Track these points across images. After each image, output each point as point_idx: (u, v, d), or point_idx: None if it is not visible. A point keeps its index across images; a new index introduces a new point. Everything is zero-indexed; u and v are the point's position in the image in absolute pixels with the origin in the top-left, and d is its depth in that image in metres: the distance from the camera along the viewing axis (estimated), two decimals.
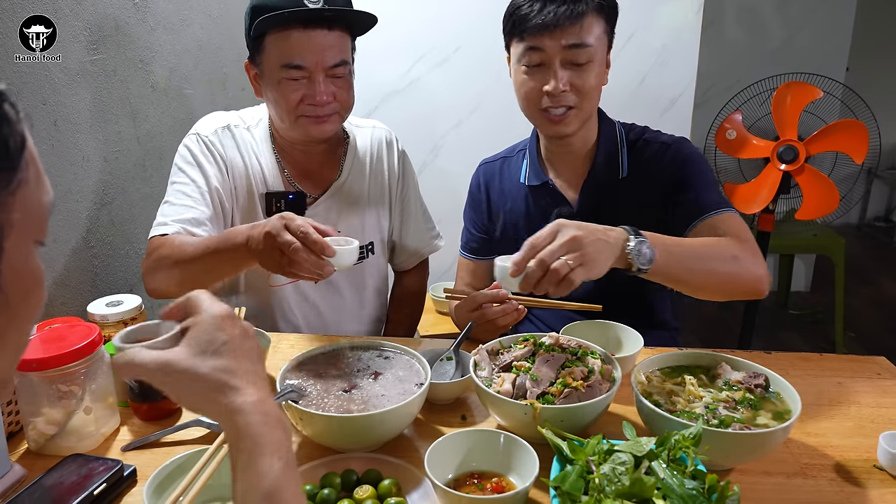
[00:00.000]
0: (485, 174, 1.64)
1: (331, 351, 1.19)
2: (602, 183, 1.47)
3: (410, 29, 2.62)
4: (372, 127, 1.66)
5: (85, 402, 1.05)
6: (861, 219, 5.59)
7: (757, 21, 4.10)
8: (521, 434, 0.98)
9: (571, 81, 1.35)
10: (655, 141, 1.49)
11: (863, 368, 1.32)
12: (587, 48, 1.34)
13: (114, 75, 1.52)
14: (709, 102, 3.45)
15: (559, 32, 1.32)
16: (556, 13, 1.31)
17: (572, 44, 1.33)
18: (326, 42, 1.35)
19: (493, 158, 1.66)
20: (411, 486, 0.94)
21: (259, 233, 1.11)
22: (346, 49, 1.41)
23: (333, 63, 1.37)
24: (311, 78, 1.37)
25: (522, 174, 1.57)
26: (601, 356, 1.13)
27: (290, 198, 1.50)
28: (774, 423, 0.97)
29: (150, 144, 1.68)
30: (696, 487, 0.78)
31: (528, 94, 1.40)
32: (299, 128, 1.42)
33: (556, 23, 1.31)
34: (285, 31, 1.34)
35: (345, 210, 1.57)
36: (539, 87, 1.37)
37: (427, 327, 2.47)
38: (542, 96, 1.38)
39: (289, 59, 1.35)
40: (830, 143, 2.65)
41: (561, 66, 1.35)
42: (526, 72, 1.39)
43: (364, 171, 1.60)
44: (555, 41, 1.33)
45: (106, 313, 1.21)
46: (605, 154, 1.48)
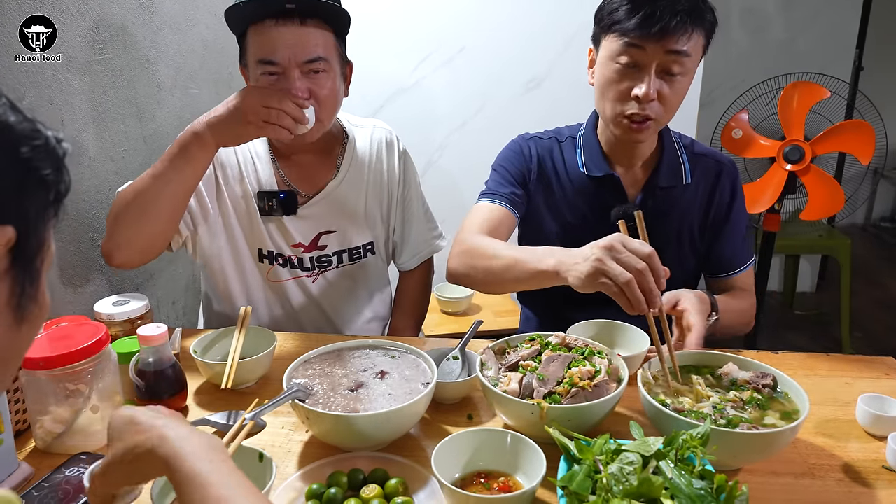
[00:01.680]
0: (538, 148, 1.54)
1: (337, 350, 1.19)
2: (666, 186, 1.47)
3: (416, 28, 2.63)
4: (372, 127, 1.65)
5: (92, 401, 1.05)
6: (867, 219, 5.57)
7: (762, 22, 4.09)
8: (528, 433, 0.98)
9: (661, 91, 1.32)
10: (709, 155, 1.52)
11: (871, 368, 1.31)
12: (686, 58, 1.30)
13: (120, 75, 1.53)
14: (714, 102, 3.44)
15: (666, 37, 1.27)
16: (665, 21, 1.26)
17: (674, 50, 1.28)
18: (299, 36, 1.32)
19: (544, 136, 1.57)
20: (418, 485, 0.94)
21: (232, 98, 1.22)
22: (323, 45, 1.36)
23: (307, 58, 1.33)
24: (286, 74, 1.33)
25: (580, 163, 1.50)
26: (607, 355, 1.12)
27: (281, 196, 1.50)
28: (782, 423, 0.96)
29: (156, 144, 1.68)
30: (705, 487, 0.77)
31: (615, 95, 1.35)
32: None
33: (665, 26, 1.26)
34: (261, 26, 1.32)
35: (340, 210, 1.57)
36: (628, 88, 1.32)
37: (432, 327, 2.48)
38: (629, 100, 1.33)
39: (262, 55, 1.33)
40: (837, 144, 2.64)
41: (656, 72, 1.31)
42: (618, 70, 1.33)
43: (363, 172, 1.59)
44: (658, 44, 1.28)
45: (113, 312, 1.21)
46: (670, 157, 1.48)
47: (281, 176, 1.53)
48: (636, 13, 1.27)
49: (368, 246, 1.63)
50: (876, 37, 4.33)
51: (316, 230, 1.56)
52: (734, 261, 1.53)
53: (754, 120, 2.95)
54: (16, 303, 0.55)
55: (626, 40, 1.30)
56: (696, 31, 1.30)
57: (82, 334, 1.04)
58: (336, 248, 1.59)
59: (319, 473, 0.97)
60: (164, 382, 1.12)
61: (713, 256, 1.53)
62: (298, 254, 1.56)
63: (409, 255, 1.71)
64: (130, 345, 1.17)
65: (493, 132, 2.53)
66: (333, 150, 1.58)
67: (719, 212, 1.51)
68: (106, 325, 1.10)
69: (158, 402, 1.13)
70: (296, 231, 1.54)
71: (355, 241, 1.60)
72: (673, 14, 1.26)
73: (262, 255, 1.55)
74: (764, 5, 4.06)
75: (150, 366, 1.11)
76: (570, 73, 2.60)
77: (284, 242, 1.55)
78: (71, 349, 1.00)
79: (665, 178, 1.47)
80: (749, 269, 1.54)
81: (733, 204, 1.51)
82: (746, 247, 1.54)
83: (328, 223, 1.56)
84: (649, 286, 1.02)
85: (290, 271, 1.58)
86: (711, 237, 1.52)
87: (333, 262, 1.59)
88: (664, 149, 1.49)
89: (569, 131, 1.57)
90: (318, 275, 1.60)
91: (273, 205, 1.50)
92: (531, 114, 2.66)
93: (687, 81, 1.35)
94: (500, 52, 2.66)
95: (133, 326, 1.25)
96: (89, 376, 1.04)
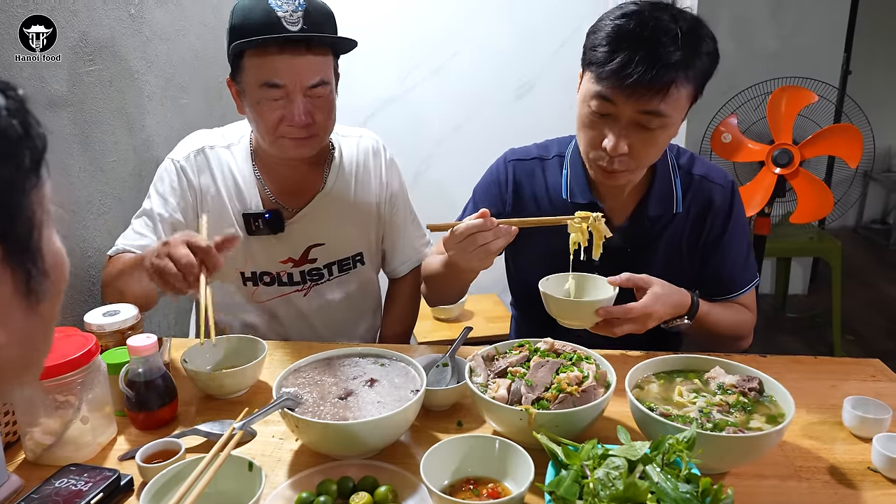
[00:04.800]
0: (516, 172, 1.49)
1: (326, 358, 1.19)
2: (654, 216, 1.41)
3: (405, 37, 2.64)
4: (359, 136, 1.64)
5: (82, 412, 1.05)
6: (858, 221, 5.60)
7: (750, 26, 4.11)
8: (517, 439, 0.98)
9: (633, 145, 1.23)
10: (707, 178, 1.43)
11: (857, 371, 1.32)
12: (662, 118, 1.21)
13: (109, 86, 1.53)
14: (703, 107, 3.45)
15: (638, 96, 1.17)
16: (640, 75, 1.15)
17: (648, 111, 1.20)
18: (305, 62, 1.34)
19: (525, 157, 1.50)
20: (407, 492, 0.95)
21: (156, 246, 1.16)
22: (325, 69, 1.38)
23: (312, 83, 1.35)
24: (290, 97, 1.35)
25: (564, 188, 1.44)
26: (595, 361, 1.13)
27: (266, 217, 1.49)
28: (768, 427, 0.97)
29: (146, 154, 1.69)
30: (690, 491, 0.78)
31: (587, 139, 1.30)
32: (278, 148, 1.42)
33: (640, 81, 1.15)
34: (264, 51, 1.32)
35: (328, 221, 1.56)
36: (599, 136, 1.26)
37: (425, 333, 2.48)
38: (600, 149, 1.27)
39: (267, 78, 1.33)
40: (825, 147, 2.67)
41: (627, 126, 1.23)
42: (590, 115, 1.26)
43: (350, 182, 1.59)
44: (629, 102, 1.19)
45: (103, 323, 1.21)
46: (661, 184, 1.40)
47: (267, 193, 1.52)
48: (613, 58, 1.17)
49: (358, 256, 1.63)
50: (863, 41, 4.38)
51: (305, 243, 1.55)
52: (732, 284, 1.45)
53: (743, 124, 2.97)
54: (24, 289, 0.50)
55: (598, 88, 1.22)
56: (679, 86, 1.19)
57: (72, 345, 1.04)
58: (326, 261, 1.58)
59: (309, 482, 0.97)
60: (155, 392, 1.12)
61: (708, 280, 1.46)
62: (288, 269, 1.56)
63: (398, 262, 1.72)
64: (120, 355, 1.17)
65: (484, 139, 2.56)
66: (320, 162, 1.57)
67: (711, 238, 1.44)
68: (96, 336, 1.10)
69: (149, 412, 1.13)
70: (285, 246, 1.54)
71: (345, 252, 1.60)
72: (651, 66, 1.14)
73: (245, 277, 1.55)
74: (752, 10, 4.09)
75: (140, 376, 1.11)
76: (561, 77, 2.61)
77: (273, 259, 1.54)
78: (60, 360, 1.00)
79: (654, 208, 1.41)
80: (750, 291, 1.47)
81: (728, 228, 1.43)
82: (748, 268, 1.46)
83: (317, 236, 1.56)
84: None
85: (278, 289, 1.57)
86: (702, 262, 1.45)
87: (325, 274, 1.59)
88: (655, 175, 1.41)
89: (558, 147, 1.50)
90: (309, 288, 1.60)
91: (260, 225, 1.49)
92: (522, 119, 2.67)
93: (667, 136, 1.26)
94: (490, 59, 2.67)
95: (123, 337, 1.24)
96: (79, 387, 1.04)
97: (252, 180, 1.52)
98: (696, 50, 1.19)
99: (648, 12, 1.19)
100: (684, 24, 1.19)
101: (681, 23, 1.19)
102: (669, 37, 1.17)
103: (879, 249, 5.30)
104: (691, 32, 1.19)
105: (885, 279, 4.67)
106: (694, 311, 1.33)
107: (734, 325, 1.43)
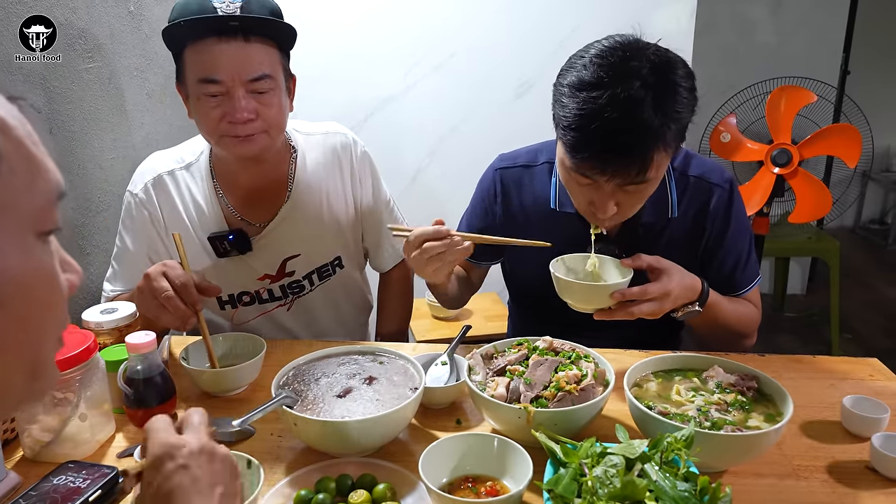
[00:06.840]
0: (503, 181, 1.47)
1: (325, 356, 1.19)
2: (648, 222, 1.38)
3: (406, 35, 2.63)
4: (324, 133, 1.55)
5: (80, 409, 1.05)
6: (856, 221, 5.61)
7: (749, 26, 4.12)
8: (515, 438, 0.98)
9: (622, 202, 1.21)
10: (704, 177, 1.39)
11: (855, 370, 1.32)
12: (647, 182, 1.17)
13: (109, 83, 1.53)
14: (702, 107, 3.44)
15: (616, 178, 1.15)
16: (615, 162, 1.12)
17: (627, 182, 1.16)
18: (243, 53, 1.26)
19: (512, 164, 1.48)
20: (406, 490, 0.95)
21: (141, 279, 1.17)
22: (268, 62, 1.30)
23: (253, 76, 1.27)
24: (230, 93, 1.27)
25: (552, 198, 1.41)
26: (594, 359, 1.13)
27: (230, 238, 1.43)
28: (766, 426, 0.97)
29: (145, 152, 1.68)
30: (689, 489, 0.78)
31: (573, 196, 1.28)
32: (223, 148, 1.35)
33: (614, 172, 1.13)
34: (200, 43, 1.25)
35: (299, 230, 1.49)
36: (584, 197, 1.24)
37: (424, 332, 2.48)
38: (588, 208, 1.25)
39: (204, 73, 1.26)
40: (824, 147, 2.67)
41: (613, 190, 1.18)
42: (570, 179, 1.23)
43: (319, 185, 1.50)
44: (609, 182, 1.16)
45: (101, 320, 1.21)
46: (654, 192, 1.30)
47: (230, 211, 1.46)
48: (585, 148, 1.12)
49: (336, 261, 1.57)
50: (862, 41, 4.38)
51: (280, 257, 1.50)
52: (734, 283, 1.43)
53: (742, 124, 2.97)
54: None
55: (574, 167, 1.17)
56: (660, 151, 1.13)
57: (70, 343, 1.04)
58: (305, 271, 1.53)
59: (308, 479, 0.97)
60: (153, 390, 1.12)
61: (710, 280, 1.38)
62: (266, 285, 1.52)
63: (384, 255, 1.67)
64: (119, 353, 1.17)
65: (483, 138, 2.56)
66: (282, 170, 1.48)
67: (712, 240, 1.41)
68: (94, 334, 1.11)
69: (148, 409, 1.13)
70: (259, 263, 1.49)
71: (322, 259, 1.55)
72: (627, 149, 1.10)
73: (223, 301, 1.52)
74: (751, 10, 4.09)
75: (138, 373, 1.11)
76: None
77: (250, 278, 1.50)
78: (59, 357, 1.00)
79: (648, 214, 1.36)
80: (754, 289, 1.45)
81: (728, 228, 1.40)
82: (750, 266, 1.44)
83: (291, 247, 1.50)
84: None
85: (259, 307, 1.54)
86: (704, 263, 1.43)
87: (305, 286, 1.55)
88: None
89: (548, 154, 1.46)
90: (291, 302, 1.56)
91: (226, 246, 1.44)
92: (522, 118, 2.66)
93: (652, 187, 1.22)
94: (490, 57, 2.66)
95: (121, 334, 1.24)
96: (77, 385, 1.04)
97: (214, 199, 1.46)
98: (672, 110, 1.12)
99: (617, 78, 1.09)
100: (653, 78, 1.10)
101: (650, 79, 1.10)
102: (643, 107, 1.09)
103: (878, 249, 5.30)
104: (664, 91, 1.11)
105: (884, 279, 4.68)
106: (705, 297, 1.29)
107: (741, 318, 1.40)
